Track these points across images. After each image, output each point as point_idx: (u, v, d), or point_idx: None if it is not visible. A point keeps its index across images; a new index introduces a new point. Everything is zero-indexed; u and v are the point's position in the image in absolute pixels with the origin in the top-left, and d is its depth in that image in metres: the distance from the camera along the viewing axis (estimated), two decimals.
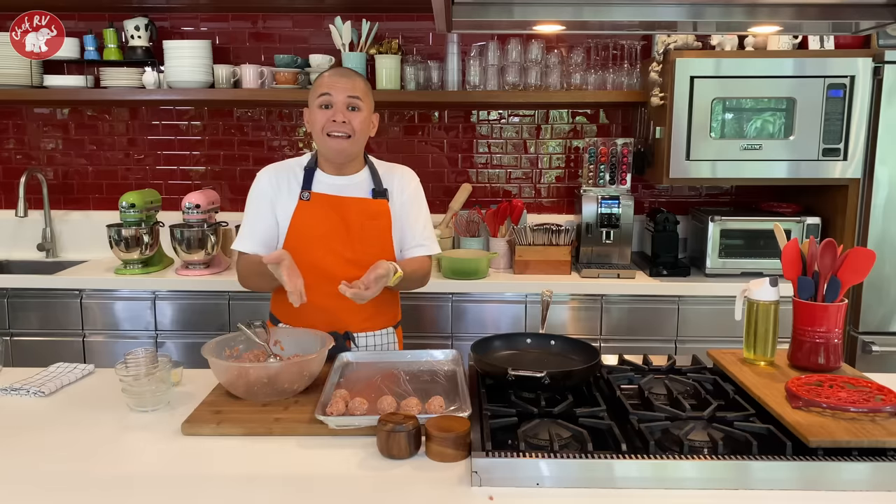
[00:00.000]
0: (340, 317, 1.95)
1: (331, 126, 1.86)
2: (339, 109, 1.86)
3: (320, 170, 1.97)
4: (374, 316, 2.00)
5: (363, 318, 1.98)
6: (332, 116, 1.86)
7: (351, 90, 1.86)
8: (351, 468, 1.33)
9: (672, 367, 1.74)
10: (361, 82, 1.91)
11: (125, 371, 1.58)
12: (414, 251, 2.00)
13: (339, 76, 1.89)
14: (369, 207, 1.95)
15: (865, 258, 1.60)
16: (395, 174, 2.02)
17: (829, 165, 2.86)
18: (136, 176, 3.48)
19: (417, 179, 2.06)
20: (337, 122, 1.85)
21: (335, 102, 1.86)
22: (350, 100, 1.86)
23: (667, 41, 2.91)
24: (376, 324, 2.02)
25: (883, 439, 1.25)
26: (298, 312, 1.84)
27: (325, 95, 1.86)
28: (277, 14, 3.32)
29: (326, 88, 1.87)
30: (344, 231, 1.92)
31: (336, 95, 1.86)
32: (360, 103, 1.88)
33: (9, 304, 2.95)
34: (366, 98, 1.90)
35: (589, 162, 3.08)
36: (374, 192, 1.97)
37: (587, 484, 1.24)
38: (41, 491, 1.26)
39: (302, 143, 3.44)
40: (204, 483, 1.28)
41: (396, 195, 1.99)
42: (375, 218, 1.94)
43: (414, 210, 2.01)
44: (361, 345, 1.99)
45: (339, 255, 1.92)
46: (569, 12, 1.59)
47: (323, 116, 1.87)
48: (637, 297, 2.88)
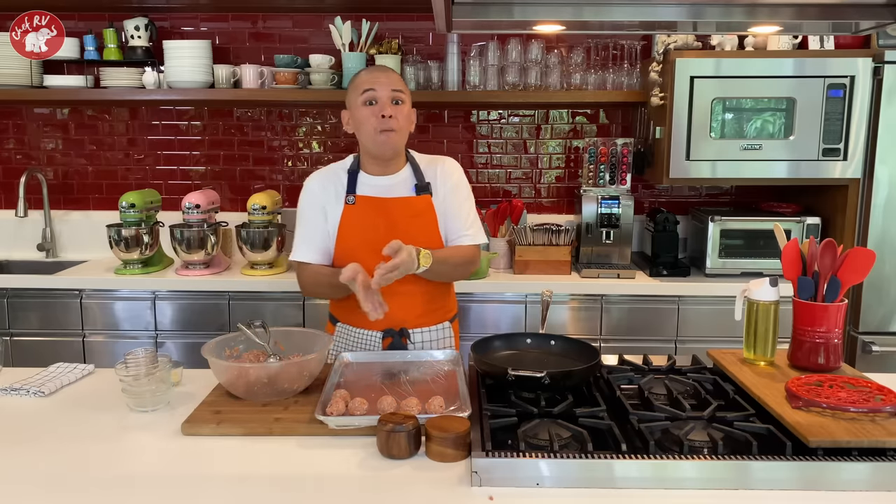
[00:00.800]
0: (396, 314, 1.91)
1: (380, 123, 1.85)
2: (384, 104, 1.86)
3: (363, 171, 1.97)
4: (427, 312, 1.99)
5: (417, 315, 1.97)
6: (379, 111, 1.85)
7: (394, 84, 1.87)
8: (351, 468, 1.33)
9: (672, 367, 1.74)
10: (399, 78, 1.93)
11: (125, 371, 1.58)
12: (457, 242, 1.97)
13: (378, 72, 1.90)
14: (413, 205, 1.94)
15: (865, 258, 1.60)
16: (437, 166, 2.00)
17: (829, 165, 2.86)
18: (136, 176, 3.48)
19: (460, 169, 2.03)
20: (385, 116, 1.85)
21: (380, 97, 1.86)
22: (394, 93, 1.87)
23: (667, 41, 2.91)
24: (431, 319, 2.00)
25: (883, 439, 1.25)
26: (355, 312, 1.87)
27: (370, 91, 1.86)
28: (277, 14, 3.32)
29: (370, 84, 1.86)
30: (389, 232, 1.89)
31: (380, 90, 1.86)
32: (402, 96, 1.89)
33: (9, 304, 2.95)
34: (406, 91, 1.92)
35: (589, 162, 3.08)
36: (416, 187, 1.96)
37: (587, 484, 1.24)
38: (41, 491, 1.26)
39: (302, 143, 3.44)
40: (204, 483, 1.28)
41: (440, 187, 1.97)
42: (420, 215, 1.93)
43: (457, 200, 1.98)
44: (417, 341, 1.97)
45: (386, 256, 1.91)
46: (569, 12, 1.59)
47: (370, 113, 1.86)
48: (637, 297, 2.89)
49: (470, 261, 1.98)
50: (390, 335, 1.94)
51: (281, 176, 3.46)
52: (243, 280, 2.94)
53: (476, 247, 2.00)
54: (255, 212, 2.99)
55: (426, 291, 1.97)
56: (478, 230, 2.01)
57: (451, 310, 2.09)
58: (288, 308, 2.91)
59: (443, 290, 2.03)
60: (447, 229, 1.98)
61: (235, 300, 2.92)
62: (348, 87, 1.94)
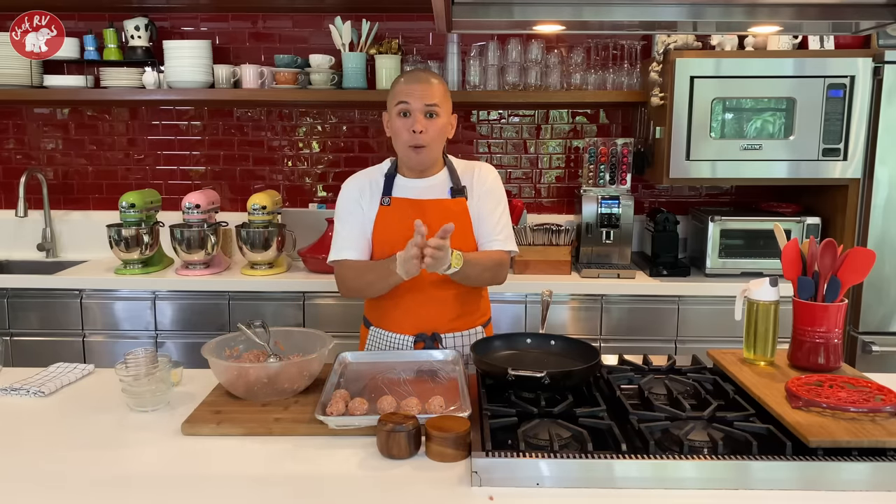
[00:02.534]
0: (428, 319, 1.94)
1: (411, 137, 1.85)
2: (416, 118, 1.84)
3: (400, 175, 1.98)
4: (460, 316, 1.98)
5: (450, 319, 1.97)
6: (411, 126, 1.84)
7: (428, 97, 1.85)
8: (351, 468, 1.33)
9: (672, 367, 1.74)
10: (439, 87, 1.89)
11: (125, 371, 1.58)
12: (488, 246, 1.95)
13: (415, 82, 1.87)
14: (448, 207, 1.93)
15: (865, 258, 1.60)
16: (474, 170, 2.00)
17: (829, 165, 2.86)
18: (136, 176, 3.48)
19: (495, 174, 2.02)
20: (416, 132, 1.84)
21: (412, 110, 1.85)
22: (428, 108, 1.85)
23: (667, 41, 2.91)
24: (464, 324, 1.99)
25: (883, 439, 1.25)
26: (388, 315, 1.95)
27: (403, 104, 1.85)
28: (277, 14, 3.32)
29: (404, 96, 1.85)
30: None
31: (413, 103, 1.84)
32: (437, 109, 1.86)
33: (9, 304, 2.95)
34: (444, 102, 1.89)
35: (589, 162, 3.08)
36: (452, 190, 1.95)
37: (587, 484, 1.24)
38: (41, 491, 1.26)
39: (302, 143, 3.44)
40: (204, 483, 1.28)
41: (476, 192, 1.97)
42: (455, 217, 1.90)
43: (489, 205, 1.96)
44: (449, 346, 1.96)
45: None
46: (569, 12, 1.59)
47: (402, 126, 1.86)
48: (637, 297, 2.89)
49: (498, 265, 1.95)
50: (422, 339, 1.94)
51: (281, 176, 3.46)
52: (243, 280, 2.94)
53: (505, 252, 1.97)
54: (255, 212, 2.99)
55: (458, 295, 1.96)
56: (508, 236, 1.98)
57: (485, 314, 2.08)
58: (288, 308, 2.91)
59: (476, 295, 2.02)
60: (479, 234, 1.97)
61: (235, 300, 2.92)
62: (390, 90, 1.93)
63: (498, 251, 1.95)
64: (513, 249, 1.99)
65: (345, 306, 2.86)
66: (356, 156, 3.44)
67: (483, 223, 1.96)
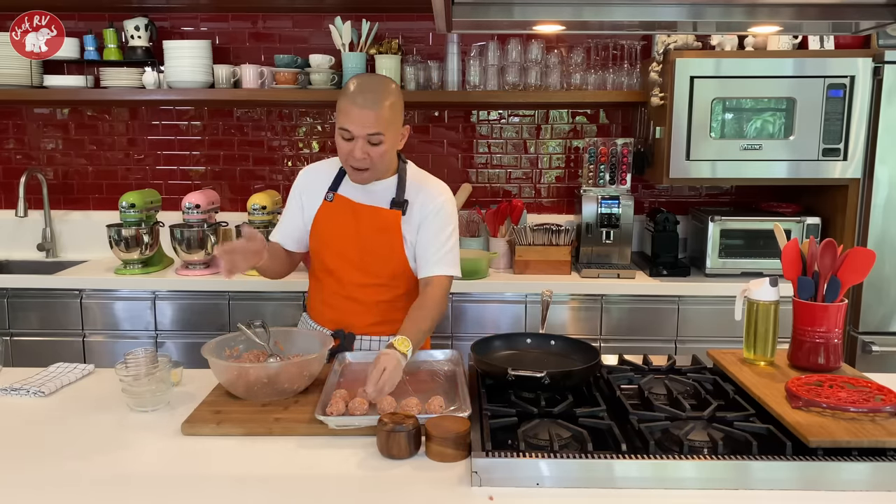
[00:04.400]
0: (346, 317, 1.96)
1: (351, 159, 1.80)
2: (358, 146, 1.77)
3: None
4: (384, 322, 1.97)
5: (369, 324, 1.97)
6: (351, 151, 1.78)
7: (371, 127, 1.75)
8: (351, 468, 1.33)
9: (672, 367, 1.74)
10: (385, 112, 1.77)
11: (125, 371, 1.58)
12: (429, 270, 1.89)
13: (358, 109, 1.75)
14: (381, 218, 1.90)
15: (865, 258, 1.60)
16: (423, 189, 1.92)
17: (829, 165, 2.86)
18: (136, 176, 3.47)
19: (445, 197, 1.93)
20: (356, 157, 1.78)
21: (355, 137, 1.77)
22: (370, 136, 1.76)
23: (667, 41, 2.91)
24: (383, 330, 1.97)
25: (883, 439, 1.25)
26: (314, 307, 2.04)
27: (344, 130, 1.77)
28: (277, 14, 3.32)
29: (347, 123, 1.76)
30: (354, 237, 1.91)
31: (355, 131, 1.76)
32: (381, 138, 1.78)
33: (9, 304, 2.95)
34: (389, 128, 1.79)
35: (589, 162, 3.08)
36: (392, 201, 1.90)
37: (587, 484, 1.24)
38: (41, 491, 1.26)
39: (302, 143, 3.44)
40: (204, 483, 1.28)
41: (416, 210, 1.90)
42: (386, 230, 1.89)
43: (433, 228, 1.89)
44: (365, 348, 1.97)
45: (348, 259, 1.92)
46: (569, 12, 1.59)
47: (344, 147, 1.80)
48: (637, 297, 2.88)
49: (440, 301, 1.87)
50: (338, 336, 1.94)
51: (281, 176, 3.46)
52: (243, 280, 2.93)
53: (446, 278, 1.89)
54: (255, 212, 2.99)
55: (381, 303, 1.96)
56: (451, 262, 1.91)
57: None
58: (288, 308, 2.91)
59: (405, 303, 1.93)
60: (419, 254, 1.91)
61: (235, 300, 2.92)
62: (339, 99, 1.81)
63: (438, 278, 1.88)
64: (455, 274, 1.92)
65: None
66: None
67: (426, 246, 1.89)
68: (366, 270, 1.91)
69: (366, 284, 1.92)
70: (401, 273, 1.93)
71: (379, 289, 1.94)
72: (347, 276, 1.92)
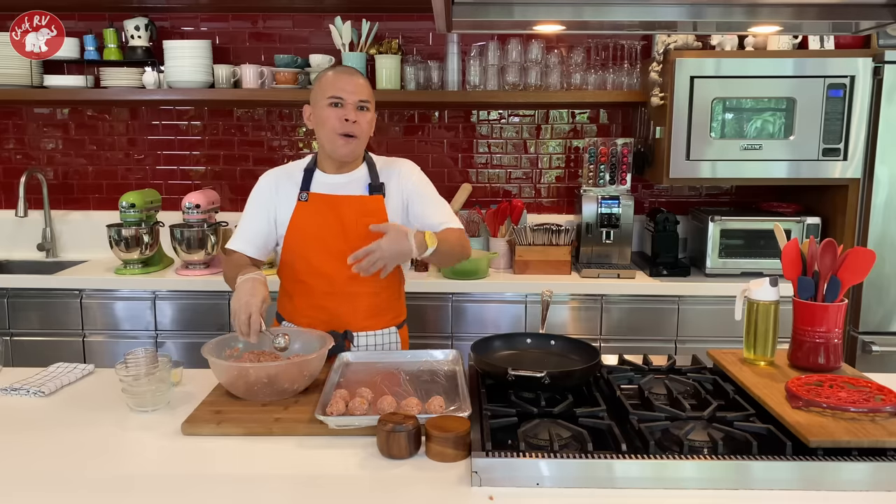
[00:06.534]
0: (340, 316, 1.95)
1: (342, 126, 1.87)
2: (349, 110, 1.87)
3: (319, 170, 1.99)
4: (374, 315, 1.99)
5: (363, 318, 1.98)
6: (343, 115, 1.86)
7: (360, 94, 1.88)
8: (351, 468, 1.33)
9: (672, 367, 1.74)
10: (367, 84, 1.93)
11: (125, 371, 1.58)
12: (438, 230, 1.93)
13: (347, 77, 1.89)
14: (364, 204, 1.94)
15: (865, 258, 1.60)
16: (394, 169, 2.00)
17: (829, 165, 2.86)
18: (136, 176, 3.48)
19: (418, 169, 2.04)
20: (349, 121, 1.86)
21: (345, 104, 1.87)
22: (360, 102, 1.89)
23: (667, 41, 2.91)
24: (377, 323, 2.00)
25: (883, 439, 1.25)
26: (300, 311, 1.97)
27: (335, 98, 1.87)
28: (277, 14, 3.32)
29: (337, 92, 1.87)
30: (339, 229, 1.92)
31: (346, 97, 1.87)
32: (368, 105, 1.91)
33: (9, 304, 2.95)
34: (372, 99, 1.93)
35: (589, 162, 3.08)
36: (370, 186, 1.96)
37: (587, 484, 1.24)
38: (41, 491, 1.26)
39: (302, 143, 3.44)
40: (204, 483, 1.28)
41: (395, 190, 1.98)
42: (371, 214, 1.92)
43: (422, 198, 1.98)
44: (361, 344, 1.98)
45: (335, 254, 1.92)
46: (569, 12, 1.59)
47: (334, 115, 1.87)
48: (637, 297, 2.88)
49: (463, 242, 1.97)
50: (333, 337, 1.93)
51: None
52: None
53: (461, 230, 1.98)
54: None
55: (372, 294, 1.97)
56: (454, 219, 1.98)
57: (401, 315, 2.09)
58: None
59: (391, 294, 2.03)
60: (423, 227, 1.94)
61: None
62: (314, 83, 1.95)
63: (455, 229, 1.96)
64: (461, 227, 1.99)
65: None
66: None
67: (427, 216, 1.96)
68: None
69: (357, 276, 1.86)
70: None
71: (370, 279, 1.91)
72: (337, 271, 1.90)
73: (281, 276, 2.05)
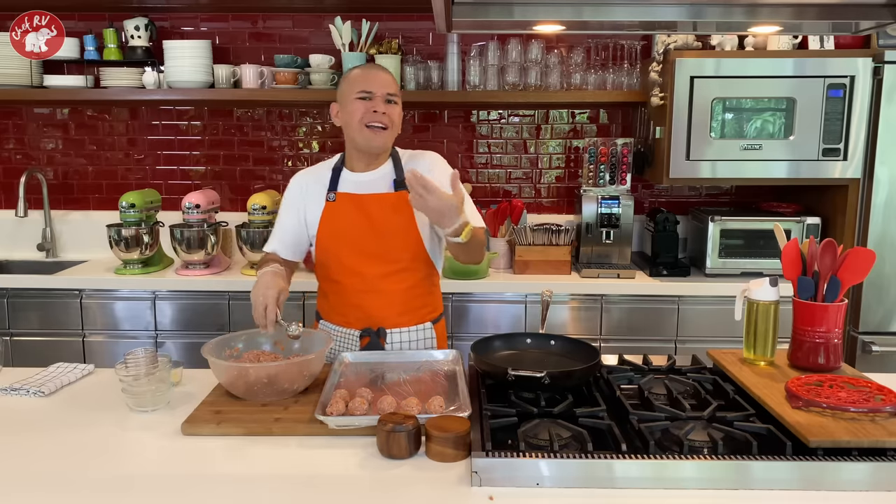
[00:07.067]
0: (374, 313, 1.94)
1: (371, 117, 1.87)
2: (378, 102, 1.88)
3: (346, 169, 1.98)
4: (408, 311, 1.97)
5: (397, 314, 1.96)
6: (372, 107, 1.87)
7: (388, 87, 1.90)
8: (351, 468, 1.33)
9: (672, 367, 1.74)
10: (394, 79, 1.95)
11: (125, 371, 1.58)
12: None
13: (374, 72, 1.91)
14: (390, 201, 1.93)
15: (865, 258, 1.60)
16: (419, 162, 1.98)
17: (829, 165, 2.86)
18: (136, 176, 3.48)
19: (444, 161, 2.02)
20: (378, 112, 1.87)
21: (374, 97, 1.88)
22: (389, 95, 1.90)
23: (667, 41, 2.91)
24: (412, 319, 1.98)
25: (883, 439, 1.25)
26: (335, 310, 1.99)
27: (365, 92, 1.87)
28: (277, 14, 3.32)
29: (366, 85, 1.88)
30: (368, 227, 1.92)
31: (376, 91, 1.88)
32: (397, 99, 1.92)
33: (9, 304, 2.95)
34: (399, 94, 1.94)
35: (589, 162, 3.08)
36: (395, 182, 1.95)
37: (587, 484, 1.24)
38: (41, 491, 1.26)
39: (302, 142, 3.44)
40: (204, 483, 1.28)
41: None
42: (397, 211, 1.92)
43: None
44: (395, 341, 1.95)
45: (365, 252, 1.92)
46: (569, 12, 1.59)
47: (363, 107, 1.87)
48: (637, 297, 2.88)
49: (483, 244, 1.96)
50: (367, 334, 1.94)
51: (281, 176, 3.46)
52: (243, 280, 2.93)
53: (482, 229, 1.96)
54: (255, 212, 2.99)
55: (406, 290, 1.95)
56: (478, 216, 1.98)
57: (436, 310, 2.06)
58: (288, 308, 2.90)
59: (426, 289, 2.01)
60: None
61: (235, 300, 2.91)
62: (342, 81, 1.95)
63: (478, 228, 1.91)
64: (482, 225, 1.97)
65: None
66: None
67: None
68: (386, 258, 1.91)
69: (388, 273, 1.90)
70: (418, 254, 1.94)
71: (401, 275, 1.93)
72: (369, 269, 1.91)
73: (317, 276, 2.05)
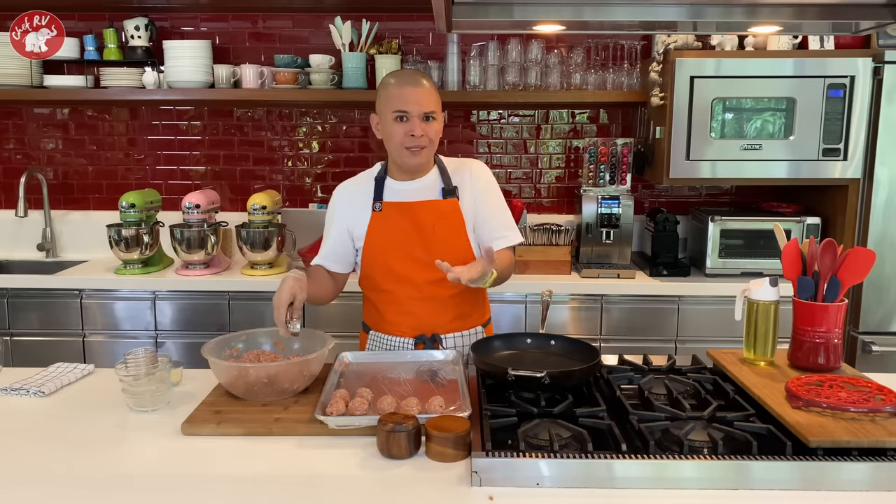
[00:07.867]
0: (427, 319, 1.94)
1: (409, 140, 1.83)
2: (415, 124, 1.82)
3: (390, 177, 1.96)
4: (460, 316, 1.98)
5: (449, 319, 1.96)
6: (410, 130, 1.82)
7: (425, 105, 1.82)
8: (351, 468, 1.33)
9: (672, 367, 1.74)
10: (432, 90, 1.87)
11: (125, 371, 1.58)
12: (495, 244, 1.92)
13: (411, 88, 1.83)
14: (440, 208, 1.92)
15: (865, 258, 1.60)
16: (465, 171, 1.97)
17: (829, 165, 2.86)
18: (136, 176, 3.48)
19: (489, 171, 2.02)
20: (416, 135, 1.82)
21: (411, 117, 1.82)
22: (427, 114, 1.83)
23: (667, 41, 2.91)
24: (464, 324, 1.99)
25: (883, 439, 1.25)
26: (386, 319, 1.97)
27: (401, 112, 1.82)
28: (277, 14, 3.32)
29: (402, 104, 1.82)
30: (417, 235, 1.91)
31: (412, 110, 1.82)
32: (435, 115, 1.86)
33: (9, 304, 2.95)
34: (438, 106, 1.87)
35: (589, 162, 3.08)
36: (443, 191, 1.94)
37: (587, 484, 1.24)
38: (41, 491, 1.26)
39: (302, 142, 3.44)
40: (204, 483, 1.28)
41: (468, 191, 1.95)
42: (446, 218, 1.91)
43: (488, 202, 1.96)
44: (450, 346, 1.96)
45: (415, 259, 1.91)
46: (569, 12, 1.59)
47: (400, 130, 1.83)
48: (637, 297, 2.88)
49: (513, 265, 1.99)
50: (422, 341, 1.94)
51: (281, 176, 3.46)
52: (243, 280, 2.94)
53: (512, 249, 2.00)
54: (255, 212, 2.99)
55: (457, 295, 1.95)
56: (514, 230, 2.00)
57: (485, 314, 2.09)
58: None
59: (475, 295, 2.02)
60: (481, 232, 1.96)
61: (235, 300, 2.92)
62: (379, 91, 1.89)
63: (506, 250, 1.96)
64: (518, 240, 2.01)
65: (345, 307, 2.86)
66: (356, 156, 3.44)
67: (488, 221, 1.96)
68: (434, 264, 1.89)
69: (439, 280, 1.86)
70: (468, 260, 1.91)
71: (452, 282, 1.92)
72: (420, 276, 1.91)
73: (363, 287, 2.03)
